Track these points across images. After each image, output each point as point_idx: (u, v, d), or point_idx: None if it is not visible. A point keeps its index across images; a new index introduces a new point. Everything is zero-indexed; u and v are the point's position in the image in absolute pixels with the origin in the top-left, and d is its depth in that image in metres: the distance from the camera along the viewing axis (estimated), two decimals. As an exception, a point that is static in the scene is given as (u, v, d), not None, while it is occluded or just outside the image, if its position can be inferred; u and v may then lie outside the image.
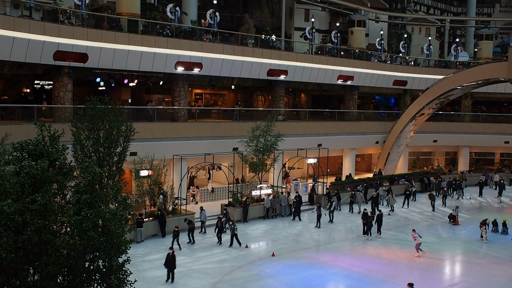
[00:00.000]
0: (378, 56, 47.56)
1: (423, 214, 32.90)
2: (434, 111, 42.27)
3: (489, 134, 46.54)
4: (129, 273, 12.89)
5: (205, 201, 33.50)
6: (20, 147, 12.21)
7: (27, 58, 25.74)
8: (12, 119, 26.11)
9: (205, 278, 20.14)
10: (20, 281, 11.44)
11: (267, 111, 39.12)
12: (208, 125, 33.80)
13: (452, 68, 49.37)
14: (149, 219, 25.73)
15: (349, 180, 38.95)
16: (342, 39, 49.85)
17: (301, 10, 52.76)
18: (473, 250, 25.00)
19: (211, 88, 44.39)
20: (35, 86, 35.20)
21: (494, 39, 67.13)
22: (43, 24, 26.13)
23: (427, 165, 49.19)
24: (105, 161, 23.26)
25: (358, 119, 44.85)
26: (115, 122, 23.24)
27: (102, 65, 28.94)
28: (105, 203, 12.29)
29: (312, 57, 40.15)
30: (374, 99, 57.32)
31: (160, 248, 23.74)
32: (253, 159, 31.44)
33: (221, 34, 36.60)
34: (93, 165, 12.63)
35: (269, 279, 20.43)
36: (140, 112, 33.42)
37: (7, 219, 11.09)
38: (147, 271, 20.81)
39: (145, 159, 26.58)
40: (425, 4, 77.35)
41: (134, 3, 32.53)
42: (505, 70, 32.31)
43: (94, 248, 12.02)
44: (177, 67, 31.98)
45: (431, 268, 22.28)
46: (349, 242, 26.21)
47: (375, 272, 21.42)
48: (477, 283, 21.24)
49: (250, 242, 25.51)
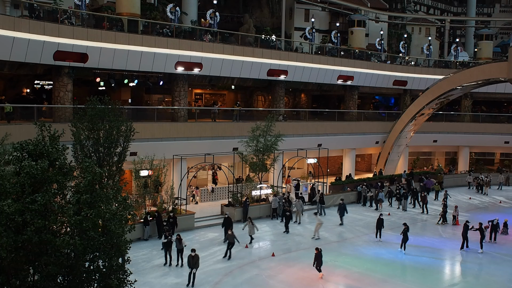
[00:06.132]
0: (378, 56, 47.58)
1: (422, 215, 32.95)
2: (434, 111, 42.28)
3: (489, 134, 46.53)
4: (129, 273, 12.89)
5: (205, 201, 33.51)
6: (20, 147, 12.21)
7: (27, 58, 25.75)
8: (12, 119, 26.08)
9: (205, 278, 20.13)
10: (20, 281, 11.44)
11: (267, 111, 39.13)
12: (208, 125, 33.82)
13: (452, 68, 49.36)
14: (151, 219, 25.68)
15: (349, 180, 38.96)
16: (342, 39, 49.87)
17: (301, 10, 52.77)
18: (473, 250, 24.99)
19: (211, 88, 44.40)
20: (35, 86, 35.20)
21: (494, 39, 67.13)
22: (43, 24, 26.13)
23: (427, 165, 49.20)
24: (105, 161, 23.26)
25: (358, 119, 44.85)
26: (115, 122, 23.23)
27: (102, 65, 28.95)
28: (105, 203, 12.28)
29: (312, 57, 40.15)
30: (374, 99, 57.35)
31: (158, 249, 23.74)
32: (253, 159, 31.45)
33: (221, 34, 36.61)
34: (93, 165, 12.62)
35: (269, 279, 20.43)
36: (140, 112, 33.43)
37: (7, 219, 11.08)
38: (147, 270, 20.84)
39: (145, 159, 26.59)
40: (425, 4, 77.37)
41: (134, 3, 32.54)
42: (505, 70, 32.33)
43: (94, 248, 12.01)
44: (177, 67, 31.99)
45: (431, 268, 22.28)
46: (350, 242, 26.20)
47: (375, 272, 21.42)
48: (477, 283, 21.27)
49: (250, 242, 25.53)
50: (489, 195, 40.22)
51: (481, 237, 24.99)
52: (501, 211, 34.24)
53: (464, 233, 25.02)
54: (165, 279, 20.04)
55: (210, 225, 27.83)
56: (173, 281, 19.76)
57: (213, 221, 28.92)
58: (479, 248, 24.81)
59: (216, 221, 28.85)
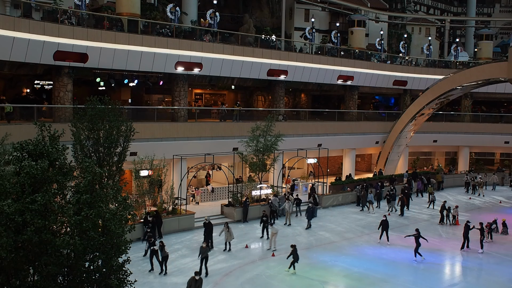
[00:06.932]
0: (378, 56, 47.57)
1: (422, 215, 32.95)
2: (434, 111, 42.28)
3: (489, 134, 46.53)
4: (129, 273, 12.89)
5: (205, 201, 33.51)
6: (20, 147, 12.21)
7: (27, 58, 25.74)
8: (12, 119, 26.08)
9: (205, 278, 20.12)
10: (20, 281, 11.44)
11: (267, 111, 39.13)
12: (208, 125, 33.80)
13: (452, 68, 49.36)
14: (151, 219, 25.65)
15: (349, 180, 38.96)
16: (342, 39, 49.87)
17: (301, 10, 52.80)
18: (473, 250, 25.00)
19: (211, 88, 44.40)
20: (35, 86, 35.18)
21: (494, 39, 67.14)
22: (43, 24, 26.13)
23: (427, 165, 49.19)
24: (105, 161, 23.25)
25: (358, 119, 44.85)
26: (115, 122, 23.22)
27: (102, 65, 28.94)
28: (105, 203, 12.29)
29: (312, 57, 40.15)
30: (374, 99, 57.33)
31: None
32: (253, 159, 31.45)
33: (221, 34, 36.61)
34: (93, 165, 12.63)
35: (269, 279, 20.43)
36: (140, 112, 33.43)
37: (7, 219, 11.09)
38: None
39: (145, 159, 26.58)
40: (425, 4, 77.39)
41: (134, 3, 32.53)
42: (505, 70, 32.33)
43: (94, 248, 12.01)
44: (177, 67, 31.99)
45: (431, 268, 22.28)
46: (349, 242, 26.20)
47: (375, 272, 21.42)
48: (477, 283, 21.28)
49: (250, 242, 25.53)
50: (486, 196, 40.10)
51: (481, 237, 25.01)
52: (501, 211, 34.28)
53: (465, 233, 25.02)
54: (165, 279, 20.04)
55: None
56: (173, 281, 19.76)
57: (213, 221, 28.89)
58: (479, 248, 24.82)
59: (216, 221, 28.86)
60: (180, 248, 24.10)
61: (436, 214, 31.90)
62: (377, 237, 26.37)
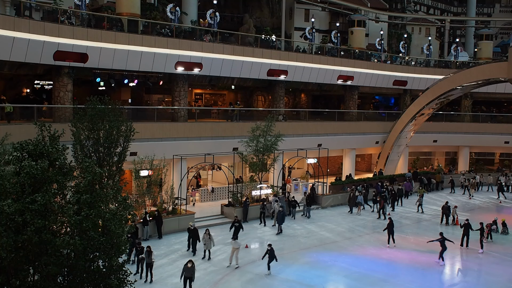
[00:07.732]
0: (378, 56, 47.57)
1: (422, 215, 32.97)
2: (434, 111, 42.27)
3: (489, 134, 46.53)
4: (129, 273, 12.89)
5: (205, 201, 33.50)
6: (20, 147, 12.21)
7: (27, 58, 25.74)
8: (12, 119, 26.09)
9: (205, 278, 20.14)
10: (20, 281, 11.43)
11: (267, 111, 39.13)
12: (208, 125, 33.80)
13: (452, 68, 49.36)
14: (151, 219, 25.66)
15: (349, 180, 38.96)
16: (342, 39, 49.87)
17: (301, 10, 52.79)
18: (473, 250, 25.00)
19: (211, 88, 44.40)
20: (35, 86, 35.19)
21: (494, 39, 67.14)
22: (43, 24, 26.13)
23: (427, 165, 49.19)
24: (105, 161, 23.25)
25: (358, 119, 44.84)
26: (115, 122, 23.22)
27: (102, 65, 28.95)
28: (105, 203, 12.29)
29: (312, 57, 40.15)
30: (374, 99, 57.33)
31: (157, 249, 23.73)
32: (253, 159, 31.44)
33: (221, 34, 36.60)
34: (93, 165, 12.63)
35: (269, 279, 20.42)
36: (140, 112, 33.43)
37: (7, 219, 11.09)
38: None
39: (145, 159, 26.59)
40: (425, 4, 77.38)
41: (134, 3, 32.54)
42: (505, 70, 32.30)
43: (94, 248, 12.02)
44: (177, 67, 31.98)
45: (431, 268, 22.28)
46: (350, 242, 26.19)
47: (375, 272, 21.42)
48: (477, 283, 21.28)
49: (250, 242, 25.53)
50: (475, 195, 39.77)
51: (481, 237, 25.01)
52: (501, 211, 34.28)
53: (466, 230, 25.04)
54: (165, 279, 20.04)
55: (210, 225, 27.80)
56: (173, 281, 19.74)
57: (213, 221, 29.00)
58: (479, 248, 24.82)
59: (216, 221, 28.96)
60: (180, 248, 24.09)
61: (436, 214, 31.92)
62: (377, 237, 26.38)
